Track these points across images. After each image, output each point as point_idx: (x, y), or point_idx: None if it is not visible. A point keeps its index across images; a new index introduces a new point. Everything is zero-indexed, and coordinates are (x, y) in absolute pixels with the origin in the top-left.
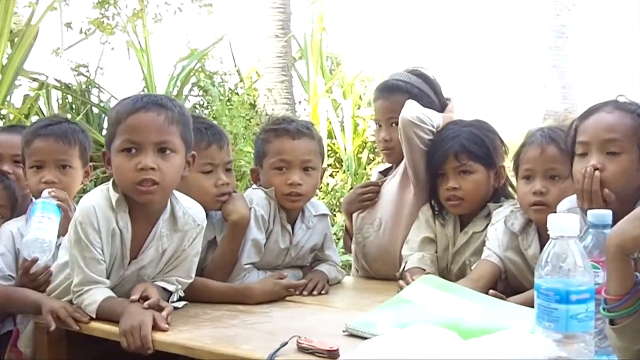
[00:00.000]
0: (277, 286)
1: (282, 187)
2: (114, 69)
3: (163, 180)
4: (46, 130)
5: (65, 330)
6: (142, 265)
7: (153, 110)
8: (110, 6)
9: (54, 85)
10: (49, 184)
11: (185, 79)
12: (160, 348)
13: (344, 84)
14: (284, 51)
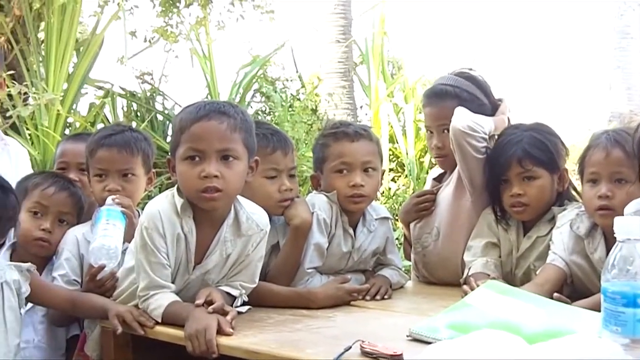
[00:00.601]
0: (340, 291)
1: (344, 189)
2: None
3: (226, 187)
4: (109, 140)
5: (131, 335)
6: (206, 269)
7: (215, 118)
8: (174, 14)
9: (119, 93)
10: (112, 192)
11: (247, 86)
12: (225, 352)
13: (405, 88)
14: (345, 56)
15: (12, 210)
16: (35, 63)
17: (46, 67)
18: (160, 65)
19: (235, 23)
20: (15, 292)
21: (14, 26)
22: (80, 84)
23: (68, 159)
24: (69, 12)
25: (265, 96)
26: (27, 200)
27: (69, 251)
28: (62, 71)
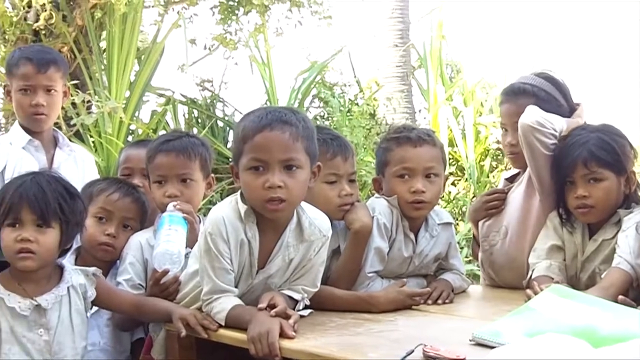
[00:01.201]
0: (401, 294)
1: (405, 194)
2: (238, 83)
3: (290, 196)
4: (167, 146)
5: (195, 338)
6: (269, 274)
7: (278, 127)
8: (233, 22)
9: (180, 101)
10: (172, 197)
11: (306, 91)
12: (287, 355)
13: (464, 91)
14: (403, 60)
15: (79, 215)
16: (97, 72)
17: (108, 76)
18: (220, 73)
19: (293, 29)
20: (81, 296)
21: (77, 36)
22: (142, 92)
23: (132, 164)
24: (130, 21)
25: (323, 101)
26: (92, 206)
27: (132, 256)
28: (124, 79)
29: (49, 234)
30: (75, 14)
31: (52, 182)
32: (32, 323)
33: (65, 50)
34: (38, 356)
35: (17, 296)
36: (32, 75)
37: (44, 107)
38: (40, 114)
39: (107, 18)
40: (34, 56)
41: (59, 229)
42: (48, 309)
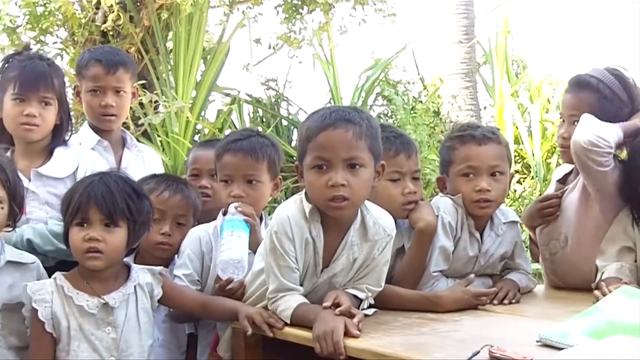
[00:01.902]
0: (466, 294)
1: (470, 193)
2: (302, 82)
3: (353, 195)
4: (235, 146)
5: (261, 336)
6: (333, 273)
7: (341, 126)
8: (297, 21)
9: (245, 100)
10: (237, 198)
11: (369, 89)
12: (352, 354)
13: (530, 87)
14: (468, 57)
15: (146, 214)
16: (164, 72)
17: (175, 76)
18: (284, 71)
19: (357, 27)
20: (148, 294)
21: (144, 36)
22: (208, 92)
23: (200, 165)
24: (196, 22)
25: (387, 99)
26: None
27: (191, 251)
28: (190, 79)
29: (116, 233)
30: (142, 14)
31: (120, 182)
32: (99, 321)
33: (133, 51)
34: (106, 353)
35: (85, 294)
36: (102, 76)
37: (113, 107)
38: (109, 115)
39: (173, 18)
40: (103, 57)
41: (126, 229)
42: (115, 307)
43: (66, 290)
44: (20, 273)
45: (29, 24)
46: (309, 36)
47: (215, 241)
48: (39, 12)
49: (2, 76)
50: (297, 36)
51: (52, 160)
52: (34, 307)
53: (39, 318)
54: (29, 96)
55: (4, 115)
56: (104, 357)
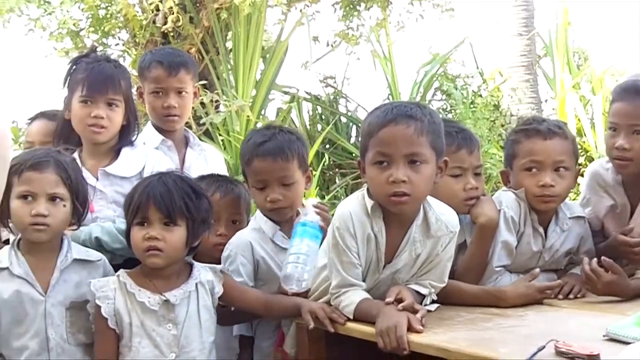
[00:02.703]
0: (530, 289)
1: (533, 188)
2: (360, 79)
3: (414, 191)
4: (263, 149)
5: (325, 331)
6: (396, 269)
7: (403, 122)
8: (355, 17)
9: (304, 98)
10: (274, 202)
11: (428, 84)
12: (416, 349)
13: (592, 79)
14: (527, 49)
15: (205, 213)
16: (224, 72)
17: (235, 75)
18: (342, 68)
19: (414, 23)
20: (209, 292)
21: (204, 37)
22: (267, 90)
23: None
24: (255, 21)
25: (446, 94)
26: None
27: (243, 257)
28: (250, 78)
29: (175, 232)
30: (201, 15)
31: (178, 181)
32: (161, 318)
33: (193, 52)
34: (166, 350)
35: (147, 291)
36: (164, 78)
37: (176, 108)
38: (172, 116)
39: (232, 19)
40: (165, 59)
41: (185, 227)
42: (176, 304)
43: (129, 287)
44: (87, 271)
45: (91, 27)
46: (366, 33)
47: (265, 242)
48: (101, 15)
49: (70, 78)
50: (355, 33)
51: (119, 160)
52: (98, 304)
53: (102, 314)
54: (96, 98)
55: (72, 117)
56: (165, 353)
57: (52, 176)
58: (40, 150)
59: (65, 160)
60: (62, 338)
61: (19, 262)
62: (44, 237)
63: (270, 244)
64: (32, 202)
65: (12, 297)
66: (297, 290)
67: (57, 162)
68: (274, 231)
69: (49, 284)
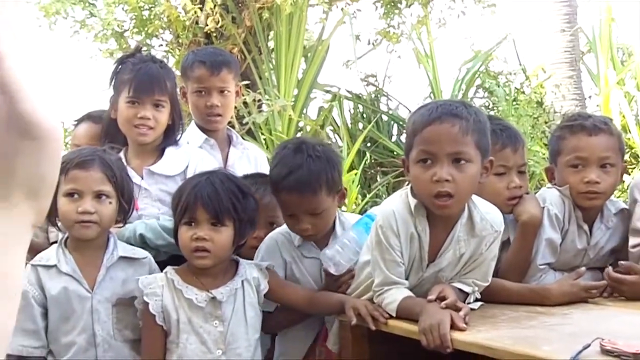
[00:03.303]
0: (575, 287)
1: (578, 185)
2: (401, 77)
3: (458, 191)
4: (289, 183)
5: (367, 329)
6: (439, 268)
7: (447, 121)
8: (396, 15)
9: (345, 96)
10: (304, 231)
11: (470, 82)
12: (459, 347)
13: (637, 75)
14: (571, 45)
15: (251, 213)
16: (266, 71)
17: (277, 75)
18: (383, 67)
19: (456, 19)
20: (255, 289)
21: (246, 37)
22: (309, 89)
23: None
24: (296, 21)
25: (488, 91)
26: None
27: (273, 256)
28: (292, 78)
29: (223, 232)
30: (243, 15)
31: (225, 181)
32: (207, 315)
33: (236, 51)
34: (213, 346)
35: (195, 288)
36: (206, 77)
37: (219, 107)
38: (215, 115)
39: (274, 18)
40: (207, 59)
41: (232, 227)
42: (223, 301)
43: (176, 283)
44: (133, 268)
45: (135, 28)
46: (407, 30)
47: (292, 248)
48: (145, 17)
49: (116, 78)
50: (396, 31)
51: (164, 159)
52: (146, 300)
53: (150, 311)
54: (143, 99)
55: (119, 117)
56: (212, 350)
57: (98, 174)
58: (86, 149)
59: (110, 158)
60: (108, 334)
61: (66, 260)
62: (91, 234)
63: (297, 250)
64: (79, 199)
65: (59, 294)
66: (334, 271)
67: (103, 161)
68: (301, 242)
69: (96, 280)
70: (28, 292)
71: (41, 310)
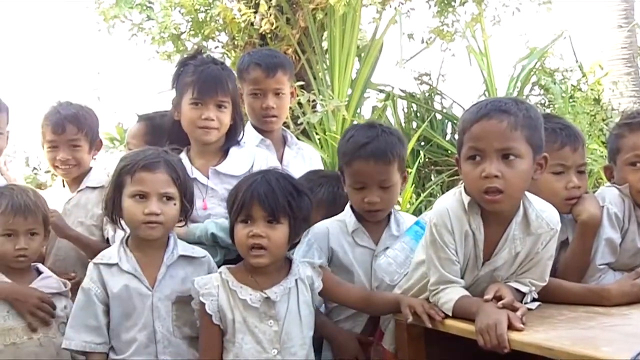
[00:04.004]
0: (635, 287)
1: (637, 183)
2: (455, 75)
3: (507, 187)
4: (365, 151)
5: (424, 329)
6: (495, 267)
7: (496, 117)
8: (450, 13)
9: (399, 95)
10: (371, 204)
11: (525, 79)
12: (517, 347)
13: None
14: (628, 41)
15: (306, 211)
16: (320, 71)
17: (331, 75)
18: (437, 65)
19: (510, 17)
20: (308, 288)
21: (300, 38)
22: (363, 89)
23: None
24: (350, 21)
25: (544, 89)
26: None
27: (319, 244)
28: (345, 78)
29: (278, 229)
30: (297, 16)
31: (281, 179)
32: (262, 314)
33: (290, 52)
34: (268, 346)
35: (249, 288)
36: (262, 79)
37: (274, 109)
38: (270, 116)
39: (328, 19)
40: (263, 61)
41: (287, 225)
42: (277, 301)
43: (231, 284)
44: (192, 267)
45: (192, 31)
46: (461, 28)
47: (344, 235)
48: (201, 19)
49: (178, 80)
50: (450, 29)
51: (228, 159)
52: (202, 301)
53: (207, 311)
54: (206, 101)
55: (182, 118)
56: (267, 349)
57: (164, 176)
58: (150, 151)
59: (174, 160)
60: (168, 331)
61: (128, 258)
62: (156, 235)
63: (349, 237)
64: (145, 201)
65: (121, 291)
66: (388, 281)
67: (167, 163)
68: (356, 227)
69: (156, 279)
70: (90, 290)
71: (103, 308)
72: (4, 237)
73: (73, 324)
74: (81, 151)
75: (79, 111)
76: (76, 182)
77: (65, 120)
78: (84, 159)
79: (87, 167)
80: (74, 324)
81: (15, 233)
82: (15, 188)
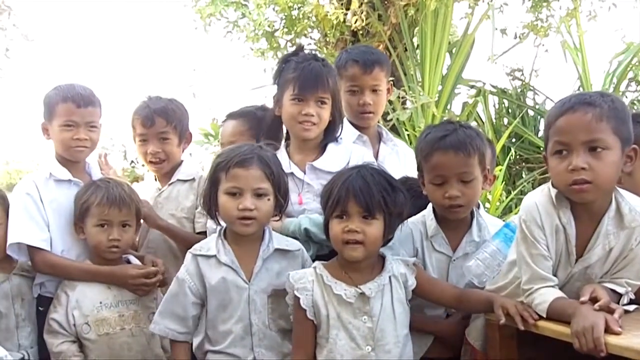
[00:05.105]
0: None
1: None
2: (549, 71)
3: (596, 179)
4: (444, 143)
5: (517, 330)
6: (588, 264)
7: (580, 109)
8: (544, 8)
9: (490, 91)
10: (452, 198)
11: (621, 75)
12: (614, 352)
13: None
14: None
15: (400, 207)
16: (411, 68)
17: (422, 71)
18: (530, 61)
19: (607, 11)
20: (402, 285)
21: (391, 34)
22: (453, 85)
23: None
24: (442, 16)
25: None
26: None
27: (403, 246)
28: (436, 74)
29: (373, 225)
30: (389, 12)
31: (376, 175)
32: (356, 310)
33: (381, 48)
34: (362, 342)
35: (343, 284)
36: (359, 76)
37: (371, 105)
38: (367, 112)
39: (419, 15)
40: (360, 58)
41: (382, 221)
42: (371, 297)
43: (325, 279)
44: (287, 260)
45: (285, 28)
46: (556, 23)
47: (424, 238)
48: (294, 16)
49: (280, 76)
50: (544, 24)
51: (326, 155)
52: (297, 295)
53: (301, 306)
54: (307, 97)
55: (283, 113)
56: (361, 345)
57: (257, 172)
58: (244, 147)
59: (267, 155)
60: (263, 324)
61: (225, 251)
62: (251, 230)
63: (427, 242)
64: (239, 197)
65: (218, 283)
66: (477, 283)
67: (261, 159)
68: (435, 233)
69: (253, 272)
70: (185, 282)
71: (194, 300)
72: (99, 228)
73: (162, 310)
74: (170, 144)
75: (167, 105)
76: (167, 176)
77: (154, 114)
78: (173, 152)
79: (177, 160)
80: (162, 310)
81: (110, 224)
82: (111, 181)
